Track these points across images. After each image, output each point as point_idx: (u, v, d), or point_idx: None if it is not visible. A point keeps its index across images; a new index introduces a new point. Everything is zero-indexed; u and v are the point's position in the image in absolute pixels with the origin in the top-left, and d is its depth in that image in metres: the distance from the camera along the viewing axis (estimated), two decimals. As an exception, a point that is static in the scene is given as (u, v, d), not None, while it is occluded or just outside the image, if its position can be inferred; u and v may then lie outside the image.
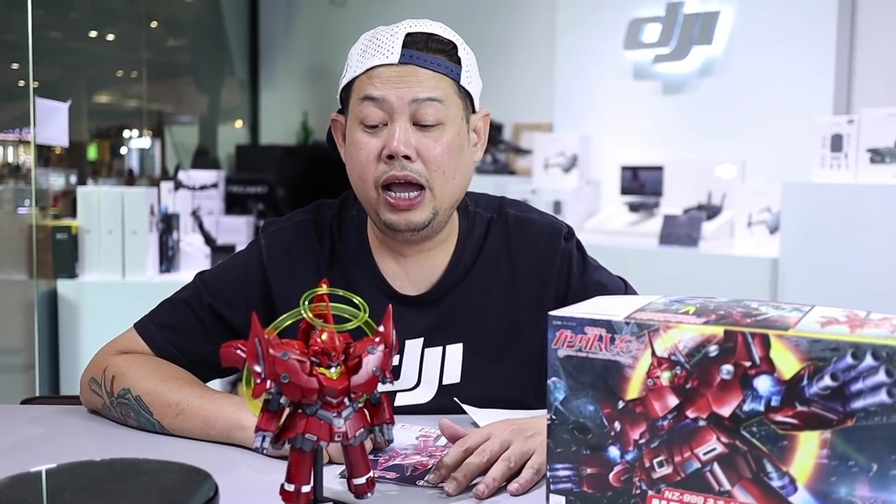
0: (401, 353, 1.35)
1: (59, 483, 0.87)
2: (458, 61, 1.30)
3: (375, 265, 1.38)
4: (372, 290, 1.35)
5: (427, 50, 1.27)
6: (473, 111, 1.35)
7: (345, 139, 1.35)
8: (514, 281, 1.39)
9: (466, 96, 1.32)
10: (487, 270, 1.39)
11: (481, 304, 1.38)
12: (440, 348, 1.37)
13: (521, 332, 1.38)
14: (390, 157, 1.25)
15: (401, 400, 1.35)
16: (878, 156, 3.26)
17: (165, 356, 1.36)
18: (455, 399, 1.34)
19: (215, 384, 1.45)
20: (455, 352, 1.37)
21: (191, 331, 1.37)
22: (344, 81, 1.31)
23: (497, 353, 1.37)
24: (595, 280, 1.41)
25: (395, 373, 1.35)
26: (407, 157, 1.25)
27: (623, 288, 1.43)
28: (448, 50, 1.29)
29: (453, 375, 1.36)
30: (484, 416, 1.26)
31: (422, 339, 1.36)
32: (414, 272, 1.38)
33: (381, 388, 0.94)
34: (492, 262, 1.40)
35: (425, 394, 1.36)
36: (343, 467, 0.98)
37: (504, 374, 1.37)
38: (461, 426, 1.16)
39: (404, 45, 1.26)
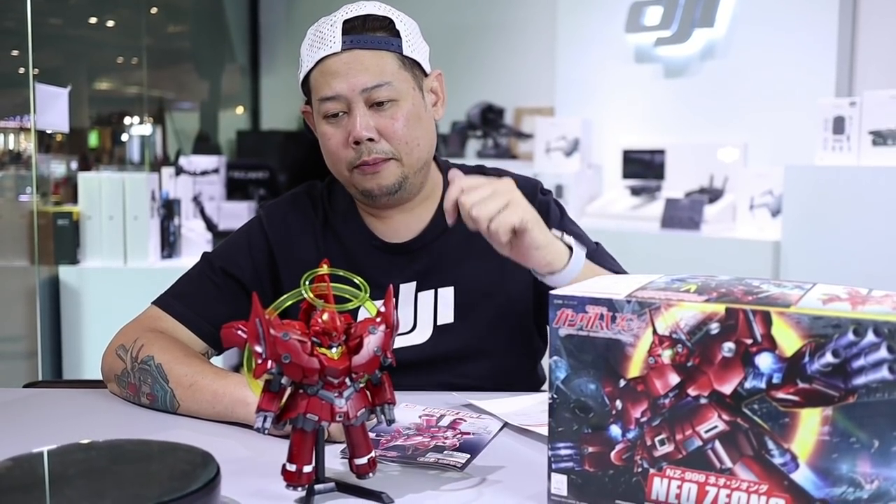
0: (396, 297, 1.43)
1: (61, 464, 0.88)
2: (398, 34, 1.38)
3: (363, 222, 1.49)
4: (362, 244, 1.47)
5: (365, 30, 1.36)
6: (426, 75, 1.44)
7: (316, 128, 1.44)
8: None
9: (413, 65, 1.40)
10: None
11: (468, 250, 1.44)
12: (432, 291, 1.45)
13: (507, 273, 1.44)
14: (357, 142, 1.36)
15: (398, 342, 1.41)
16: (880, 138, 3.25)
17: (187, 322, 1.42)
18: (452, 392, 1.36)
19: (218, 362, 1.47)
20: (447, 294, 1.45)
21: (207, 295, 1.44)
22: (301, 76, 1.42)
23: (486, 294, 1.45)
24: (572, 230, 1.44)
25: None
26: (371, 140, 1.36)
27: (595, 248, 1.46)
28: (385, 26, 1.38)
29: (447, 316, 1.44)
30: (494, 406, 1.27)
31: (414, 283, 1.45)
32: (401, 228, 1.47)
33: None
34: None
35: (421, 336, 1.43)
36: (344, 447, 0.99)
37: (494, 313, 1.45)
38: (462, 410, 1.15)
39: (344, 32, 1.36)
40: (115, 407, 1.31)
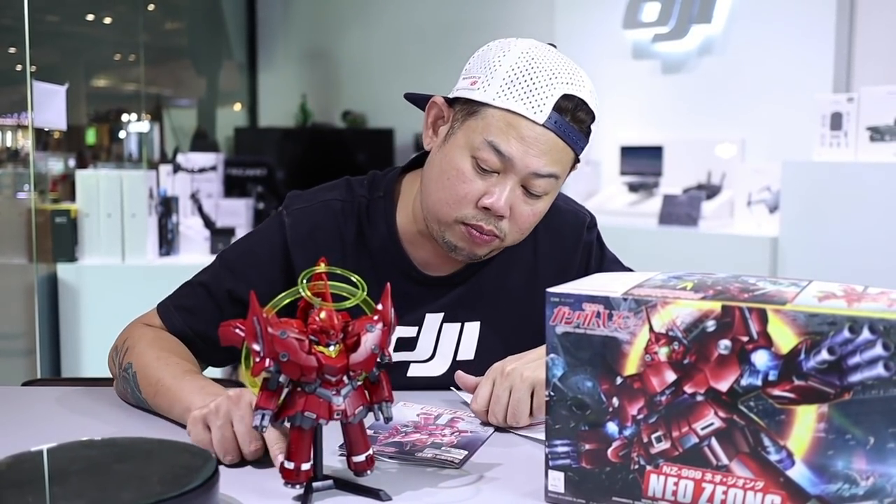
0: (420, 324, 1.37)
1: (60, 463, 0.88)
2: (588, 133, 1.28)
3: (404, 251, 1.37)
4: (400, 275, 1.35)
5: (573, 119, 1.24)
6: None
7: (435, 128, 1.33)
8: (536, 264, 1.42)
9: (574, 165, 1.31)
10: (511, 252, 1.40)
11: (503, 284, 1.40)
12: (458, 325, 1.39)
13: (538, 315, 1.36)
14: (486, 208, 1.25)
15: (414, 371, 1.38)
16: (877, 134, 3.26)
17: (183, 338, 1.35)
18: (451, 388, 1.35)
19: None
20: (472, 329, 1.40)
21: (208, 315, 1.34)
22: (476, 93, 1.25)
23: (513, 334, 1.38)
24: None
25: (412, 344, 1.38)
26: (500, 217, 1.26)
27: None
28: (586, 121, 1.27)
29: (468, 352, 1.39)
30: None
31: (442, 314, 1.38)
32: (441, 260, 1.38)
33: (394, 356, 0.94)
34: (516, 245, 1.39)
35: (439, 367, 1.39)
36: (342, 444, 0.99)
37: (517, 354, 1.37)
38: (460, 408, 1.17)
39: (555, 107, 1.22)
40: (114, 405, 1.31)
